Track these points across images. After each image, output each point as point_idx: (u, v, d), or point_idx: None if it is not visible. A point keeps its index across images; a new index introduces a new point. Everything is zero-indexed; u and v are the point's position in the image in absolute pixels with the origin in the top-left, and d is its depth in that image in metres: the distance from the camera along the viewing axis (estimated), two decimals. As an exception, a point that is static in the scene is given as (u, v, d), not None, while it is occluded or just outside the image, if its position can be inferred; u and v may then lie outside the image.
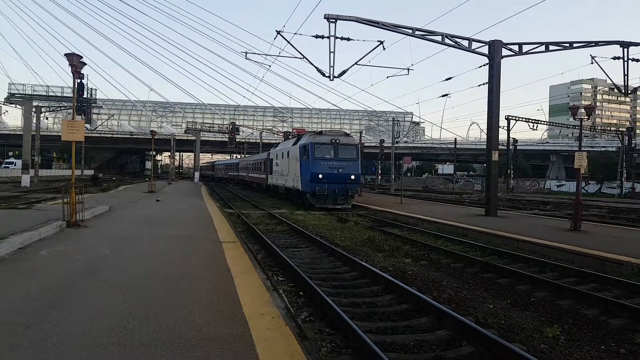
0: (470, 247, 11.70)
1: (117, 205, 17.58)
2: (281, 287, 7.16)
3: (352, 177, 21.75)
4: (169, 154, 75.85)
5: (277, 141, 67.33)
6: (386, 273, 8.52)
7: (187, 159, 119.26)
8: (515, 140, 53.90)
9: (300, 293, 7.18)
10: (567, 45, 17.55)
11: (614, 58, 18.22)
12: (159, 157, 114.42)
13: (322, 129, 34.27)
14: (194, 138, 63.47)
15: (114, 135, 79.61)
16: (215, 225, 12.48)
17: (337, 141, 21.85)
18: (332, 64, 17.77)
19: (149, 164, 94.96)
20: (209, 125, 71.53)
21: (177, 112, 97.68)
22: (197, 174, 60.86)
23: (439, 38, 15.82)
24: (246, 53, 22.20)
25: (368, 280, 8.26)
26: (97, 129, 74.58)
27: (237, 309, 4.96)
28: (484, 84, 16.96)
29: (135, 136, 78.32)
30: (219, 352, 3.82)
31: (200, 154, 71.30)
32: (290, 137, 45.75)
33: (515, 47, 15.84)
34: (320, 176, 21.02)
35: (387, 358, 4.43)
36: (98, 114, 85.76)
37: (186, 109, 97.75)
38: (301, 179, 22.21)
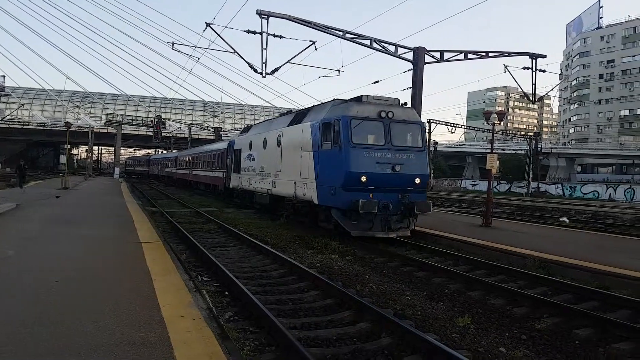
0: (391, 242, 12.18)
1: (26, 203, 16.28)
2: (205, 287, 7.05)
3: (417, 180, 12.10)
4: (86, 147, 71.31)
5: (207, 137, 65.66)
6: (313, 269, 8.67)
7: (107, 153, 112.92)
8: (435, 142, 56.72)
9: (226, 293, 7.11)
10: (484, 54, 18.76)
11: (524, 68, 19.75)
12: (75, 151, 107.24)
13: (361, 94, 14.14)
14: (114, 131, 60.19)
15: (25, 127, 73.41)
16: (135, 225, 11.97)
17: (390, 115, 12.00)
18: (264, 61, 17.62)
19: (64, 159, 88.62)
20: (131, 117, 68.16)
21: (97, 103, 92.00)
22: (117, 170, 57.79)
23: (367, 42, 16.26)
24: (173, 44, 21.37)
25: (295, 277, 8.35)
26: (4, 119, 68.42)
27: (155, 311, 4.82)
28: (408, 88, 17.66)
29: (48, 128, 72.75)
30: (134, 357, 3.70)
31: (122, 148, 67.78)
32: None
33: (438, 55, 16.69)
34: (364, 179, 11.44)
35: (309, 353, 4.52)
36: (7, 102, 78.65)
37: (106, 99, 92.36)
38: (319, 184, 12.65)
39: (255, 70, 17.82)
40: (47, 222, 11.71)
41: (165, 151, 68.82)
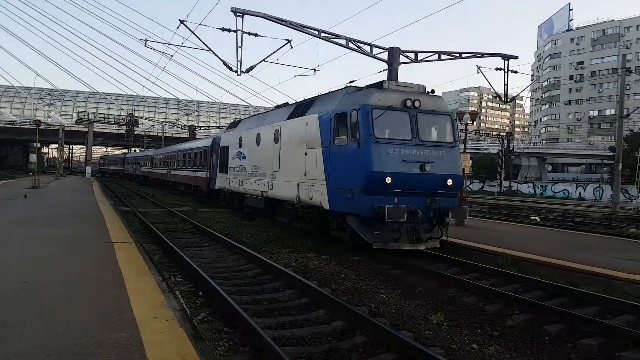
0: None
1: (-7, 203, 15.78)
2: (179, 288, 6.96)
3: (449, 182, 10.27)
4: (57, 146, 69.44)
5: (181, 136, 64.71)
6: (289, 269, 8.66)
7: (79, 152, 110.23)
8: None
9: (200, 293, 7.04)
10: (457, 55, 19.04)
11: (497, 69, 20.14)
12: (45, 150, 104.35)
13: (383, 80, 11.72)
14: (86, 129, 58.80)
15: (-7, 125, 71.03)
16: (107, 225, 11.73)
17: (417, 104, 10.25)
18: (239, 59, 17.46)
19: (33, 157, 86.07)
20: (103, 115, 66.70)
21: (67, 101, 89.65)
22: (88, 169, 56.50)
23: (343, 42, 16.30)
24: (145, 40, 20.99)
25: (271, 277, 8.33)
26: (-30, 117, 66.05)
27: (127, 312, 4.74)
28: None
29: (17, 126, 70.48)
30: (106, 359, 3.63)
31: (94, 146, 66.28)
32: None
33: (412, 55, 16.87)
34: (389, 180, 9.60)
35: (283, 352, 4.52)
36: (-27, 100, 76.00)
37: (78, 97, 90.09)
38: (331, 186, 10.74)
39: (230, 69, 17.67)
40: (14, 223, 11.36)
41: (137, 150, 67.49)
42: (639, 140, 38.01)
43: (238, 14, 15.96)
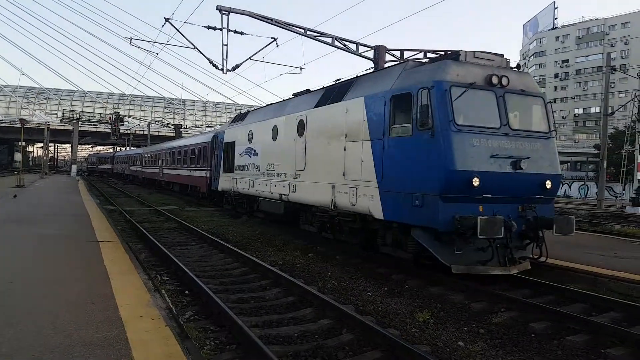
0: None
1: (-25, 202, 15.52)
2: (165, 287, 6.93)
3: (548, 184, 8.18)
4: (42, 145, 68.44)
5: (167, 134, 64.15)
6: (276, 267, 8.66)
7: (64, 150, 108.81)
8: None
9: (186, 292, 7.01)
10: (443, 52, 19.12)
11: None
12: (30, 149, 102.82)
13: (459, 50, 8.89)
14: (71, 128, 58.05)
15: (-23, 124, 69.80)
16: (92, 224, 11.61)
17: (504, 82, 8.05)
18: (225, 57, 17.48)
19: (18, 156, 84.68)
20: (89, 114, 65.94)
21: (53, 99, 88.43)
22: (74, 168, 55.82)
23: (329, 40, 16.29)
24: (130, 39, 20.78)
25: (257, 275, 8.32)
26: (-47, 115, 64.85)
27: (113, 311, 4.71)
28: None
29: (2, 125, 69.39)
30: (91, 358, 3.61)
31: (80, 145, 65.51)
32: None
33: (398, 53, 16.90)
34: (476, 182, 7.33)
35: (270, 351, 4.52)
36: (-43, 98, 74.64)
37: (63, 95, 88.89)
38: (385, 189, 8.57)
39: (216, 67, 17.61)
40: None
41: (123, 148, 66.77)
42: (624, 138, 38.61)
43: (223, 12, 15.90)
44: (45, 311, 4.68)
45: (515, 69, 8.72)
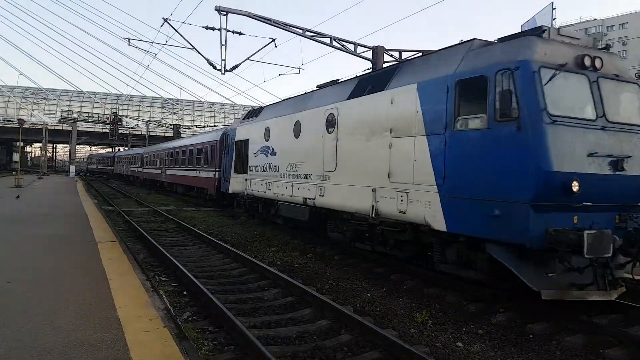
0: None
1: (-27, 203, 15.48)
2: (163, 287, 6.92)
3: None
4: (40, 145, 68.32)
5: (166, 134, 64.04)
6: (274, 267, 8.65)
7: (62, 151, 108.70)
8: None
9: (184, 293, 7.01)
10: (442, 53, 19.09)
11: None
12: (28, 149, 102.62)
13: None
14: (69, 128, 57.94)
15: (-25, 124, 69.64)
16: (90, 224, 11.60)
17: (597, 64, 6.62)
18: (223, 57, 17.41)
19: (17, 156, 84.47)
20: (87, 114, 65.79)
21: (51, 100, 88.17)
22: (72, 168, 55.75)
23: (327, 40, 16.30)
24: (129, 39, 20.78)
25: (256, 276, 8.31)
26: (-49, 115, 64.71)
27: (111, 312, 4.70)
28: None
29: (0, 125, 69.32)
30: (89, 358, 3.61)
31: (78, 145, 65.42)
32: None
33: (396, 54, 16.91)
34: (576, 187, 5.90)
35: (268, 352, 4.51)
36: (-45, 98, 74.54)
37: (61, 96, 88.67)
38: (448, 194, 7.10)
39: (215, 67, 17.62)
40: (-5, 223, 11.16)
41: (121, 149, 66.66)
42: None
43: (222, 12, 15.90)
44: (44, 312, 4.67)
45: (605, 50, 7.25)
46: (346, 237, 10.10)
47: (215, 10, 15.84)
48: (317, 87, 12.22)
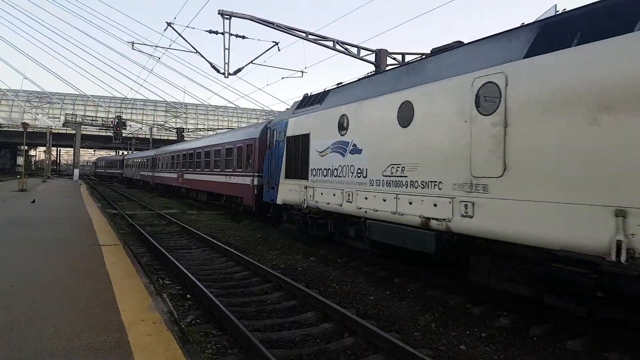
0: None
1: (-22, 206, 15.57)
2: (166, 290, 6.94)
3: None
4: (45, 148, 68.67)
5: (169, 138, 64.17)
6: (277, 271, 8.66)
7: (67, 154, 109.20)
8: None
9: (188, 296, 7.03)
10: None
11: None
12: (33, 153, 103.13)
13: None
14: (73, 132, 58.21)
15: (-20, 128, 70.14)
16: (94, 227, 11.62)
17: None
18: (226, 61, 17.50)
19: (21, 160, 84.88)
20: (91, 118, 66.10)
21: (55, 103, 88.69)
22: (76, 171, 55.97)
23: (330, 43, 16.36)
24: (133, 43, 20.88)
25: (259, 279, 8.32)
26: (-45, 119, 65.20)
27: (115, 315, 4.71)
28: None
29: (5, 129, 69.73)
30: (92, 362, 3.61)
31: (82, 149, 65.74)
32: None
33: (399, 57, 16.95)
34: None
35: (272, 355, 4.52)
36: (-40, 103, 75.22)
37: (65, 99, 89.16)
38: None
39: (218, 71, 17.68)
40: (1, 225, 11.21)
41: (126, 152, 66.85)
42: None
43: (225, 16, 15.99)
44: (47, 315, 4.68)
45: None
46: (522, 289, 6.39)
47: (219, 14, 15.93)
48: (431, 51, 8.69)
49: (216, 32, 16.76)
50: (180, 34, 17.97)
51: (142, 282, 6.22)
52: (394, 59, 16.68)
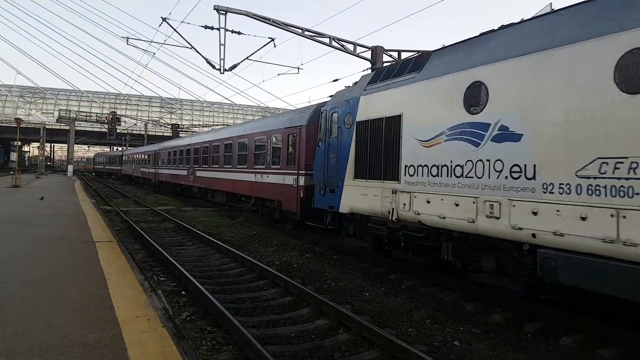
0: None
1: (-29, 202, 15.46)
2: (161, 287, 6.93)
3: None
4: (38, 144, 68.25)
5: (164, 134, 63.87)
6: (273, 267, 8.66)
7: (60, 150, 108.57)
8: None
9: (183, 292, 7.02)
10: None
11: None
12: (26, 148, 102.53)
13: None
14: (67, 128, 57.89)
15: (-28, 123, 69.52)
16: (88, 224, 11.58)
17: None
18: (222, 57, 17.43)
19: (14, 156, 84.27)
20: (85, 114, 65.74)
21: (49, 99, 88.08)
22: (70, 167, 55.69)
23: (327, 40, 16.33)
24: (127, 38, 20.76)
25: (254, 276, 8.32)
26: (-53, 115, 64.65)
27: (109, 312, 4.70)
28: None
29: (-2, 124, 69.19)
30: (87, 358, 3.61)
31: (76, 145, 65.41)
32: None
33: (395, 54, 16.94)
34: None
35: (267, 351, 4.52)
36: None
37: (59, 95, 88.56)
38: None
39: (213, 67, 17.62)
40: (-8, 223, 11.15)
41: (119, 148, 66.54)
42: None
43: (221, 11, 15.92)
44: (41, 312, 4.66)
45: None
46: None
47: (214, 9, 15.85)
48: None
49: (212, 28, 16.70)
50: (175, 29, 17.93)
51: (137, 279, 6.21)
52: (390, 56, 16.67)
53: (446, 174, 7.03)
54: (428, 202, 7.33)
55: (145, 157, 36.66)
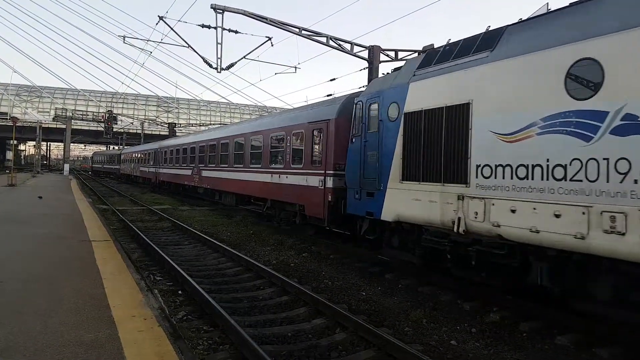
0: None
1: (-34, 201, 15.38)
2: (158, 287, 6.92)
3: None
4: (34, 143, 67.94)
5: (161, 133, 63.67)
6: (270, 267, 8.65)
7: (57, 149, 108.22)
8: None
9: (179, 292, 7.00)
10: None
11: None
12: (22, 147, 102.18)
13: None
14: (64, 126, 57.71)
15: (-32, 122, 69.19)
16: (85, 223, 11.54)
17: None
18: (219, 56, 17.39)
19: (10, 155, 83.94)
20: (82, 112, 65.54)
21: (45, 97, 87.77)
22: (66, 166, 55.49)
23: (324, 39, 16.33)
24: (124, 37, 20.69)
25: (251, 275, 8.31)
26: (-58, 113, 64.35)
27: (105, 311, 4.69)
28: (364, 86, 17.84)
29: (-6, 123, 68.89)
30: (83, 357, 3.60)
31: (72, 144, 65.22)
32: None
33: (392, 54, 16.96)
34: None
35: (263, 351, 4.52)
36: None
37: (55, 93, 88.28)
38: None
39: (210, 66, 17.58)
40: (-12, 222, 11.09)
41: (116, 147, 66.34)
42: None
43: (218, 10, 15.89)
44: (37, 311, 4.64)
45: None
46: None
47: (211, 8, 15.82)
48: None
49: (209, 27, 16.67)
50: (172, 28, 17.84)
51: (133, 278, 6.19)
52: (387, 55, 16.68)
53: (540, 177, 5.59)
54: (513, 211, 5.89)
55: (145, 156, 34.99)
